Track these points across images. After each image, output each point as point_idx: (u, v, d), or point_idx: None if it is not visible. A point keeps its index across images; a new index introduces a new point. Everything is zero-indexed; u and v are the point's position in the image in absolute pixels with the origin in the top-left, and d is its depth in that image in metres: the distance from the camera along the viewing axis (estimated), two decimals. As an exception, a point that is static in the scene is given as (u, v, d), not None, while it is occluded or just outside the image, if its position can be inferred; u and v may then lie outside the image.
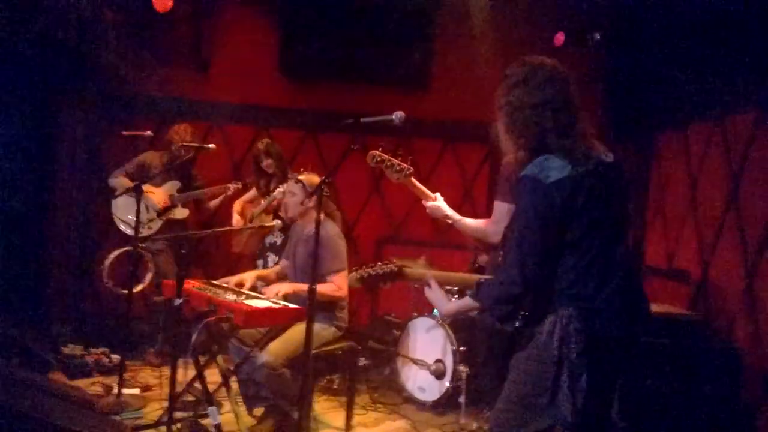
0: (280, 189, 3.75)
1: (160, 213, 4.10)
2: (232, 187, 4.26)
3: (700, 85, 3.79)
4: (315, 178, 3.30)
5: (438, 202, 2.81)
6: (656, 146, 4.67)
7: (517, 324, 1.89)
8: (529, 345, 1.91)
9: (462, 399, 3.52)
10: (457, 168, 5.23)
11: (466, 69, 4.96)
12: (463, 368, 3.60)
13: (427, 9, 4.93)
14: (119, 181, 4.13)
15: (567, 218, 1.79)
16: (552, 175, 1.77)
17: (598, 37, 4.39)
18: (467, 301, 1.99)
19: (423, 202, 2.86)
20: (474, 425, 3.43)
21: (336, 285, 3.19)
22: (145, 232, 4.08)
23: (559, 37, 4.51)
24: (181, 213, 4.28)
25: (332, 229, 3.27)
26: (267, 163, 4.20)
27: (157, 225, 4.17)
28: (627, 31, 4.38)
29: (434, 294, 2.14)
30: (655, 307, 3.43)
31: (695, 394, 3.06)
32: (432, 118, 5.01)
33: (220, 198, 4.38)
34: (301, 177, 3.30)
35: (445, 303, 2.13)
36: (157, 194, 4.18)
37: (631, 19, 4.32)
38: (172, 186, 4.27)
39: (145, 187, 4.04)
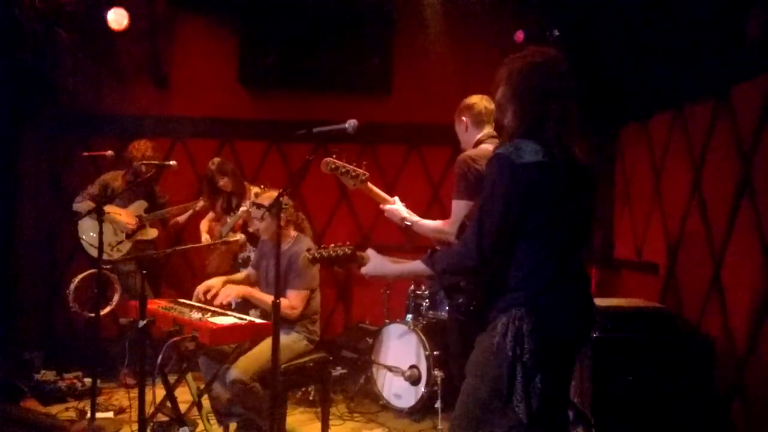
0: (244, 207, 3.76)
1: (129, 234, 4.08)
2: (199, 204, 4.25)
3: (659, 76, 3.85)
4: (273, 194, 3.30)
5: (396, 206, 2.84)
6: (620, 140, 4.74)
7: (460, 300, 1.91)
8: (484, 348, 1.94)
9: (438, 404, 3.53)
10: (423, 171, 5.28)
11: (427, 71, 5.01)
12: (437, 373, 3.61)
13: (386, 13, 4.94)
14: (83, 204, 4.10)
15: (529, 203, 1.79)
16: (524, 157, 1.78)
17: (557, 33, 4.45)
18: (416, 265, 2.00)
19: (381, 206, 2.89)
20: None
21: (291, 303, 3.15)
22: (114, 254, 4.06)
23: (519, 35, 4.57)
24: (150, 233, 4.25)
25: (304, 245, 3.25)
26: (223, 182, 4.19)
27: (126, 247, 4.14)
28: (585, 26, 4.45)
29: (375, 259, 2.15)
30: (627, 302, 3.53)
31: (670, 386, 3.10)
32: (396, 122, 5.04)
33: (187, 214, 4.35)
34: (258, 200, 3.29)
35: (387, 265, 2.13)
36: (124, 215, 4.15)
37: (589, 15, 4.39)
38: (139, 206, 4.24)
39: (112, 209, 4.04)
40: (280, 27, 4.89)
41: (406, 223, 2.80)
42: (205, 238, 4.27)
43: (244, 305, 3.57)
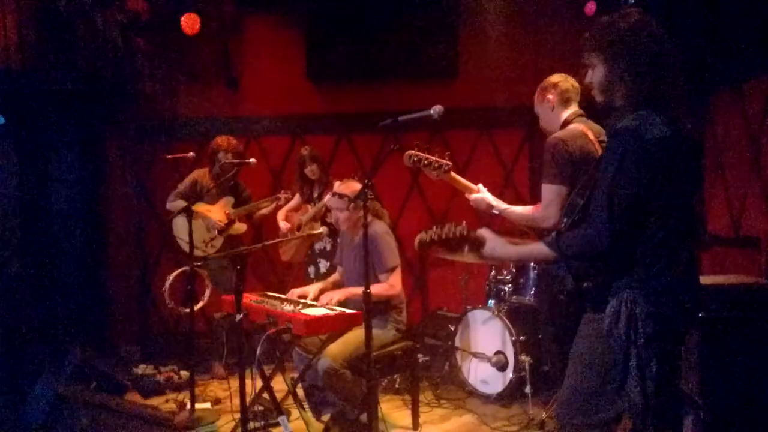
0: (329, 196, 3.81)
1: (222, 231, 4.21)
2: (283, 196, 4.34)
3: (752, 39, 3.61)
4: (355, 185, 3.32)
5: (482, 194, 2.79)
6: (709, 108, 4.48)
7: (586, 284, 1.81)
8: (590, 332, 1.88)
9: (528, 389, 3.49)
10: (494, 155, 5.18)
11: (494, 52, 4.91)
12: (525, 358, 3.58)
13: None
14: (175, 203, 4.23)
15: (656, 181, 1.68)
16: (652, 132, 1.67)
17: (632, 1, 4.24)
18: (539, 248, 1.85)
19: (466, 195, 2.84)
20: (543, 415, 3.37)
21: (388, 284, 3.20)
22: (209, 250, 4.19)
23: (591, 6, 4.41)
24: (239, 228, 4.38)
25: (380, 228, 3.29)
26: (311, 169, 4.26)
27: (219, 242, 4.27)
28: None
29: (492, 241, 1.94)
30: (729, 279, 3.33)
31: None
32: (464, 106, 4.97)
33: (272, 206, 4.45)
34: (340, 190, 3.33)
35: (507, 246, 1.93)
36: (214, 212, 4.27)
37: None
38: (227, 202, 4.36)
39: (202, 207, 4.19)
40: (345, 20, 4.91)
41: (493, 211, 2.74)
42: (284, 225, 4.33)
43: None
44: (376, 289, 3.09)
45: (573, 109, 2.69)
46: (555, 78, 2.74)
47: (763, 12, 3.46)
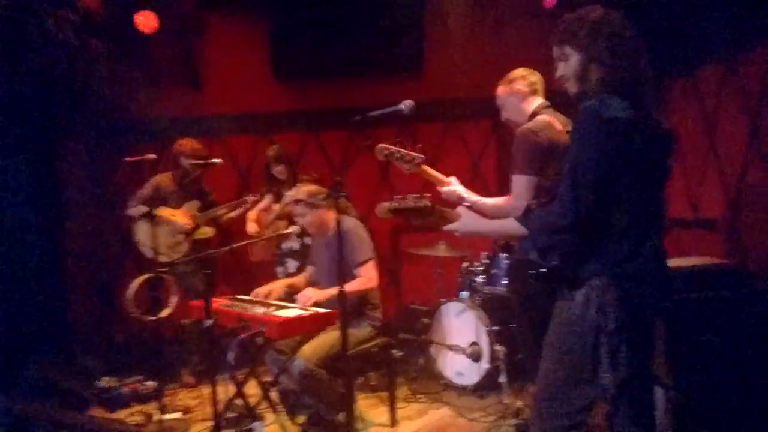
0: (290, 193, 3.72)
1: (188, 234, 4.09)
2: (250, 200, 4.25)
3: (707, 28, 3.68)
4: (313, 188, 3.28)
5: (453, 186, 2.77)
6: (667, 95, 4.57)
7: (554, 262, 1.82)
8: (562, 321, 1.88)
9: (503, 379, 3.50)
10: (462, 147, 5.18)
11: (458, 45, 4.90)
12: (499, 348, 3.58)
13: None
14: (138, 208, 4.09)
15: (618, 160, 1.71)
16: (612, 112, 1.71)
17: None
18: (510, 223, 1.91)
19: (438, 188, 2.81)
20: (518, 404, 3.39)
21: (365, 277, 3.16)
22: (174, 255, 4.06)
23: (551, 1, 4.43)
24: (206, 232, 4.26)
25: (351, 223, 3.26)
26: (278, 169, 4.19)
27: (185, 247, 4.14)
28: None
29: (466, 216, 2.05)
30: (691, 260, 3.39)
31: (746, 344, 2.96)
32: (430, 100, 4.94)
33: (239, 211, 4.35)
34: (298, 195, 3.26)
35: (481, 221, 2.04)
36: (179, 216, 4.15)
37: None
38: (192, 206, 4.23)
39: (166, 211, 4.05)
40: (310, 16, 4.82)
41: (465, 203, 2.72)
42: (252, 225, 4.23)
43: (289, 294, 3.55)
44: (353, 285, 3.05)
45: (540, 100, 2.69)
46: (521, 71, 2.75)
47: (715, 2, 3.54)
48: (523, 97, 2.68)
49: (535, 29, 4.73)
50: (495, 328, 3.71)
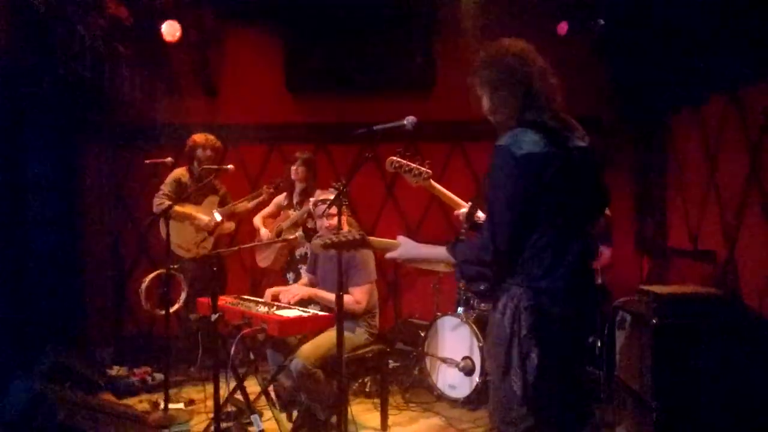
0: (306, 207, 3.91)
1: (212, 231, 4.28)
2: (266, 191, 4.42)
3: (711, 59, 3.73)
4: (329, 196, 3.43)
5: (466, 209, 2.91)
6: (670, 126, 4.68)
7: (481, 287, 1.92)
8: (490, 330, 1.96)
9: (492, 393, 3.62)
10: (466, 168, 5.35)
11: (469, 66, 5.07)
12: (491, 362, 3.70)
13: (427, 11, 5.01)
14: (162, 204, 4.20)
15: (535, 193, 1.79)
16: (524, 148, 1.78)
17: (602, 23, 4.43)
18: (440, 251, 1.99)
19: (454, 211, 2.95)
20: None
21: (355, 298, 3.29)
22: (200, 251, 4.27)
23: (563, 26, 4.58)
24: (229, 227, 4.45)
25: None
26: (298, 170, 4.31)
27: (209, 243, 4.34)
28: (630, 14, 4.41)
29: (406, 244, 2.12)
30: (683, 288, 3.51)
31: (734, 371, 3.03)
32: (438, 119, 5.13)
33: (256, 201, 4.51)
34: (323, 196, 3.41)
35: (418, 248, 2.11)
36: (202, 212, 4.34)
37: (633, 2, 4.36)
38: (212, 201, 4.43)
39: (189, 208, 4.26)
40: (323, 32, 5.04)
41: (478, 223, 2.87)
42: (264, 231, 4.41)
43: (303, 302, 3.73)
44: (344, 298, 3.19)
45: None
46: None
47: (721, 34, 3.65)
48: None
49: (547, 55, 4.90)
50: (488, 342, 3.84)
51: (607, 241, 4.30)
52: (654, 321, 3.15)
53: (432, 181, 2.86)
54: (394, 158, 2.84)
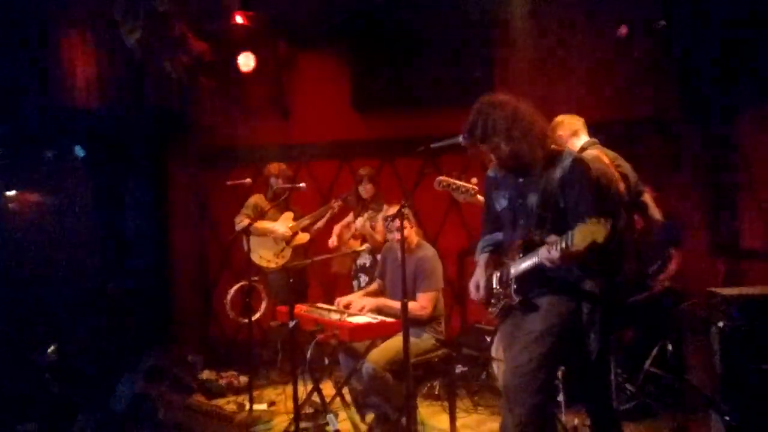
0: (361, 220, 4.13)
1: (289, 241, 4.64)
2: (336, 205, 4.71)
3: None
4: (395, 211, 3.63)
5: None
6: (739, 125, 4.58)
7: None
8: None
9: (561, 397, 3.63)
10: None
11: (529, 78, 5.14)
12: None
13: (485, 26, 5.15)
14: (243, 223, 4.55)
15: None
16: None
17: (663, 23, 4.39)
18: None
19: None
20: (575, 421, 3.53)
21: (421, 304, 3.43)
22: (280, 261, 4.63)
23: (623, 30, 4.58)
24: (303, 238, 4.79)
25: (431, 252, 3.54)
26: (367, 187, 4.55)
27: (288, 253, 4.69)
28: (693, 12, 4.36)
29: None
30: (754, 290, 3.41)
31: None
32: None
33: (326, 218, 4.82)
34: (389, 213, 3.60)
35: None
36: (279, 226, 4.70)
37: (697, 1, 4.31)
38: (288, 216, 4.79)
39: (268, 224, 4.62)
40: (386, 53, 5.29)
41: None
42: (332, 239, 4.70)
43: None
44: (410, 305, 3.36)
45: (585, 138, 2.94)
46: (559, 117, 3.03)
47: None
48: (566, 140, 2.96)
49: (604, 60, 4.91)
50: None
51: (676, 245, 4.24)
52: (721, 324, 3.12)
53: (479, 197, 3.01)
54: (442, 178, 3.02)
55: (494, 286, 2.49)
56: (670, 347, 3.67)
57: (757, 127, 4.32)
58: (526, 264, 2.31)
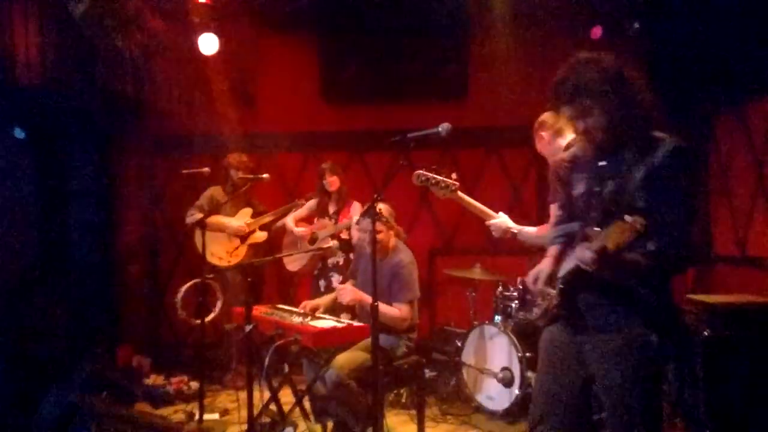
0: (346, 221, 3.89)
1: (243, 238, 4.34)
2: (299, 203, 4.47)
3: (755, 59, 3.64)
4: (389, 208, 3.40)
5: (499, 220, 2.85)
6: (712, 129, 4.53)
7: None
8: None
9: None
10: (502, 174, 5.24)
11: (502, 73, 5.00)
12: (531, 374, 3.59)
13: (460, 20, 4.98)
14: (194, 216, 4.31)
15: None
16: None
17: (637, 26, 4.32)
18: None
19: (486, 222, 2.88)
20: None
21: (400, 314, 3.21)
22: (233, 260, 4.33)
23: (596, 31, 4.49)
24: (261, 236, 4.49)
25: (407, 257, 3.33)
26: (331, 180, 4.36)
27: (242, 252, 4.39)
28: (667, 15, 4.28)
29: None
30: (734, 298, 3.34)
31: None
32: (473, 126, 5.05)
33: (291, 215, 4.55)
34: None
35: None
36: (234, 222, 4.40)
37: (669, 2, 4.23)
38: (245, 213, 4.49)
39: (223, 219, 4.32)
40: (358, 42, 5.05)
41: (512, 231, 2.81)
42: (299, 230, 4.45)
43: (333, 309, 3.68)
44: (388, 310, 3.13)
45: (572, 135, 2.75)
46: (541, 117, 2.85)
47: (764, 34, 3.51)
48: (550, 141, 2.78)
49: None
50: (527, 354, 3.71)
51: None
52: (705, 333, 3.00)
53: (459, 193, 2.81)
54: (421, 172, 2.80)
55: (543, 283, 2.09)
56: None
57: (731, 130, 4.25)
58: (570, 265, 1.92)
